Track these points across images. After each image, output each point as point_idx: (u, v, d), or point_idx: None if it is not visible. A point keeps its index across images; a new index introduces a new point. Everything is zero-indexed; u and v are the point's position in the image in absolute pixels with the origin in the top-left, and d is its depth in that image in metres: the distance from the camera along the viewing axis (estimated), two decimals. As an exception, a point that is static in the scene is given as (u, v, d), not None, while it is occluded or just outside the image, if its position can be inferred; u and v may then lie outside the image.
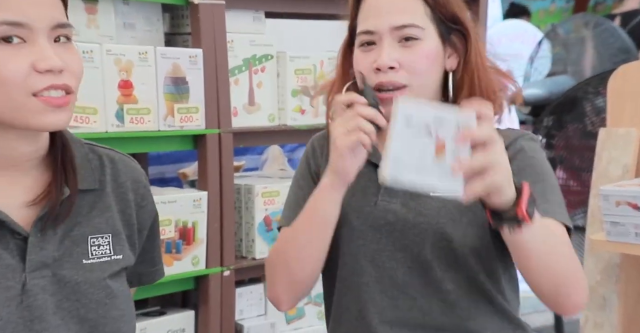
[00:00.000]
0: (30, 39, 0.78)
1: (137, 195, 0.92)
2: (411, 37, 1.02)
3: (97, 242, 0.86)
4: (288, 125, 1.95)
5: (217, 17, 1.81)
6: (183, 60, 1.75)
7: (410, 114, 0.84)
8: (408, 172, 0.84)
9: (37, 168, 0.85)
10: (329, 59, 2.01)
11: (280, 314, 1.98)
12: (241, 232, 1.93)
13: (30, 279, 0.81)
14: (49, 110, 0.78)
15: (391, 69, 1.01)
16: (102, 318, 0.84)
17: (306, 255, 1.02)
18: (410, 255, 1.02)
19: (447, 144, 0.83)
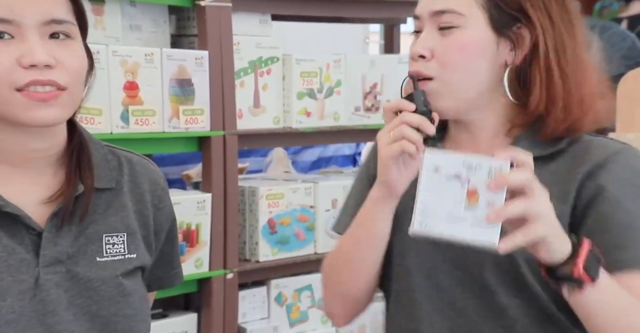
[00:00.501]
0: (18, 35, 0.78)
1: (155, 196, 0.92)
2: (448, 25, 0.90)
3: (111, 241, 0.87)
4: (293, 128, 1.95)
5: (223, 19, 1.81)
6: (189, 62, 1.75)
7: (438, 161, 0.80)
8: (439, 223, 0.80)
9: (54, 166, 0.86)
10: (334, 62, 2.01)
11: (283, 318, 1.98)
12: (245, 235, 1.93)
13: (43, 274, 0.82)
14: (33, 104, 0.78)
15: (422, 58, 0.91)
16: (114, 315, 0.85)
17: (357, 271, 0.94)
18: (470, 276, 0.91)
19: (480, 191, 0.78)
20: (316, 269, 2.06)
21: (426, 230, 0.80)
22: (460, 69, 0.91)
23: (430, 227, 0.80)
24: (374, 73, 2.08)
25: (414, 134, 0.86)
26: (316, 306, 2.04)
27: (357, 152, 3.14)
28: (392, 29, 2.49)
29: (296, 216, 1.96)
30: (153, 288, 0.96)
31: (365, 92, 2.08)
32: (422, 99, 0.89)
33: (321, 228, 1.99)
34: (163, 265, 0.95)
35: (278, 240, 1.93)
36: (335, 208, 2.00)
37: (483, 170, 0.79)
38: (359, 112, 2.07)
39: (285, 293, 1.99)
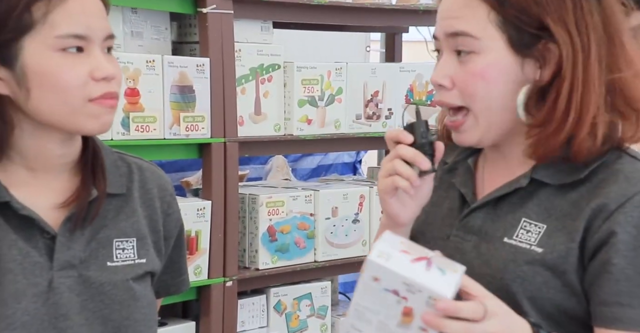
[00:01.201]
0: (87, 49, 0.82)
1: (164, 202, 0.94)
2: (464, 50, 0.83)
3: (121, 246, 0.88)
4: (294, 135, 1.94)
5: (225, 26, 1.81)
6: (190, 69, 1.74)
7: (378, 273, 0.74)
8: (370, 329, 0.75)
9: (69, 172, 0.88)
10: (336, 70, 2.00)
11: (282, 326, 1.97)
12: (244, 242, 1.92)
13: (57, 278, 0.84)
14: (103, 112, 0.83)
15: (442, 87, 0.84)
16: (125, 319, 0.86)
17: None
18: None
19: (415, 315, 0.74)
20: (316, 277, 2.06)
21: (356, 329, 0.76)
22: (486, 97, 0.83)
23: (360, 328, 0.76)
24: (375, 81, 2.08)
25: (407, 170, 0.82)
26: (315, 315, 2.02)
27: (357, 159, 3.13)
28: (393, 37, 2.49)
29: (296, 224, 1.95)
30: (161, 294, 0.97)
31: (366, 100, 2.08)
32: (421, 130, 0.83)
33: (321, 236, 1.98)
34: (171, 272, 0.96)
35: (278, 248, 1.92)
36: (335, 217, 2.00)
37: (422, 296, 0.73)
38: (360, 120, 2.07)
39: (285, 302, 1.98)
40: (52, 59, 0.80)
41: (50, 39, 0.80)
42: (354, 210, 2.02)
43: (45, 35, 0.80)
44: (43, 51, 0.80)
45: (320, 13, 2.05)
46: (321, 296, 2.02)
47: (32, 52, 0.80)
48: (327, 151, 2.75)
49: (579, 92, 0.82)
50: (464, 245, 0.88)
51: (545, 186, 0.85)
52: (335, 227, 2.00)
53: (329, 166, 3.02)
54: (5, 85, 0.82)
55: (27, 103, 0.82)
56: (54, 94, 0.81)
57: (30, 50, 0.80)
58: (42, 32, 0.80)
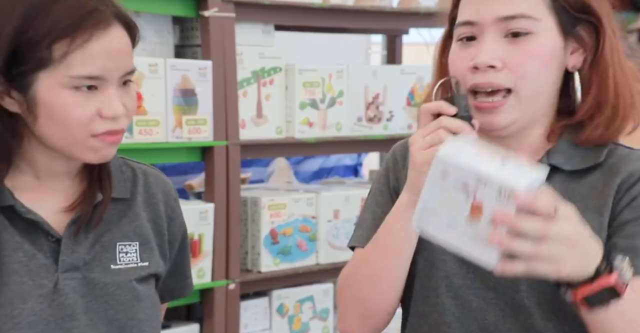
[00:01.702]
0: (102, 87, 0.83)
1: (168, 207, 0.95)
2: (521, 31, 0.83)
3: (124, 249, 0.90)
4: (295, 138, 1.95)
5: (227, 29, 1.81)
6: (192, 72, 1.75)
7: (448, 166, 0.73)
8: (438, 227, 0.75)
9: (75, 177, 0.90)
10: (337, 72, 2.01)
11: (285, 329, 1.97)
12: (247, 245, 1.92)
13: (62, 279, 0.86)
14: (104, 147, 0.85)
15: (491, 68, 0.83)
16: (129, 319, 0.87)
17: (380, 284, 0.88)
18: (503, 297, 0.86)
19: (485, 209, 0.72)
20: (318, 280, 2.06)
21: (424, 229, 0.76)
22: (537, 79, 0.84)
23: (428, 228, 0.76)
24: (376, 83, 2.09)
25: None
26: (318, 317, 2.03)
27: (359, 162, 3.14)
28: (394, 39, 2.50)
29: (298, 226, 1.95)
30: (166, 299, 0.97)
31: (367, 102, 2.08)
32: (464, 104, 0.82)
33: (323, 239, 1.99)
34: (175, 276, 0.97)
35: (280, 251, 1.93)
36: (337, 219, 2.00)
37: (493, 188, 0.71)
38: (361, 123, 2.07)
39: (287, 304, 1.98)
40: (62, 96, 0.81)
41: (64, 78, 0.81)
42: (355, 213, 2.03)
43: (60, 73, 0.81)
44: (55, 87, 0.81)
45: (321, 16, 2.05)
46: (323, 298, 2.03)
47: (44, 86, 0.81)
48: (328, 154, 2.76)
49: (619, 76, 0.85)
50: None
51: (558, 172, 0.86)
52: (337, 229, 2.00)
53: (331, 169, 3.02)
54: (17, 104, 0.84)
55: (33, 127, 0.84)
56: (59, 127, 0.82)
57: (43, 84, 0.81)
58: (58, 70, 0.81)
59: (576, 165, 0.86)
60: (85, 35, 0.80)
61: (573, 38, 0.86)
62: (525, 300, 0.84)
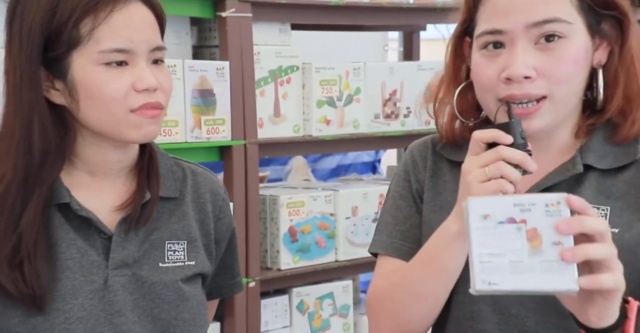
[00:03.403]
0: (132, 62, 0.86)
1: (216, 207, 0.97)
2: (555, 35, 0.81)
3: (173, 247, 0.92)
4: (313, 136, 1.95)
5: (244, 29, 1.82)
6: (210, 72, 1.76)
7: (486, 207, 0.71)
8: (503, 277, 0.70)
9: (126, 176, 0.92)
10: (354, 70, 2.01)
11: (305, 326, 1.98)
12: (266, 243, 1.94)
13: (112, 276, 0.88)
14: (144, 122, 0.86)
15: (526, 79, 0.81)
16: (173, 319, 0.89)
17: (424, 307, 0.86)
18: (543, 301, 0.83)
19: (542, 232, 0.70)
20: (337, 277, 2.07)
21: (491, 288, 0.71)
22: (571, 82, 0.83)
23: (495, 284, 0.71)
24: (393, 80, 2.08)
25: (514, 173, 0.76)
26: (338, 314, 2.03)
27: (377, 159, 3.14)
28: (411, 36, 2.49)
29: (316, 224, 1.96)
30: (214, 296, 0.99)
31: (384, 99, 2.08)
32: (520, 130, 0.79)
33: (342, 236, 1.99)
34: (223, 274, 0.99)
35: (299, 248, 1.94)
36: (355, 216, 2.01)
37: (538, 209, 0.70)
38: (379, 120, 2.07)
39: (307, 302, 1.99)
40: (96, 73, 0.84)
41: (94, 53, 0.84)
42: (374, 210, 2.03)
43: (90, 50, 0.84)
44: (88, 65, 0.84)
45: (337, 14, 2.05)
46: (343, 295, 2.03)
47: (79, 66, 0.85)
48: (346, 151, 2.76)
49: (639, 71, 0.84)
50: None
51: (592, 170, 0.85)
52: (355, 226, 2.00)
53: (349, 166, 3.02)
54: (61, 95, 0.87)
55: (78, 113, 0.86)
56: (99, 105, 0.85)
57: (77, 64, 0.85)
58: (88, 47, 0.84)
59: (611, 163, 0.84)
60: (107, 8, 0.83)
61: (598, 34, 0.85)
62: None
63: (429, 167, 0.93)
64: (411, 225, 0.92)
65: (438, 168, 0.93)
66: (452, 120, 0.92)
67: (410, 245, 0.91)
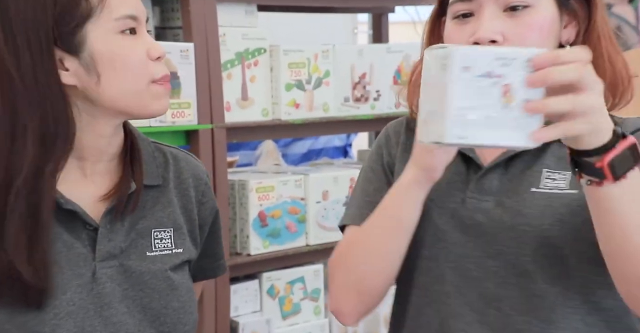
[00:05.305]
0: (139, 31, 0.85)
1: (198, 191, 0.95)
2: (520, 4, 0.84)
3: (159, 236, 0.90)
4: (282, 120, 1.93)
5: (208, 10, 1.78)
6: (174, 54, 1.72)
7: (468, 58, 0.69)
8: (473, 129, 0.69)
9: (112, 163, 0.90)
10: (322, 52, 1.99)
11: (276, 310, 1.97)
12: (235, 228, 1.92)
13: (99, 268, 0.86)
14: (164, 93, 0.86)
15: (492, 43, 0.83)
16: (163, 308, 0.88)
17: (378, 262, 0.87)
18: (504, 264, 0.85)
19: (518, 88, 0.68)
20: (308, 261, 2.06)
21: (459, 141, 0.70)
22: None
23: (464, 138, 0.70)
24: (362, 63, 2.07)
25: None
26: (309, 298, 2.03)
27: (348, 143, 3.13)
28: (380, 18, 2.47)
29: (287, 208, 1.95)
30: (199, 278, 0.98)
31: (354, 82, 2.06)
32: None
33: (312, 220, 1.98)
34: (207, 257, 0.98)
35: (269, 233, 1.92)
36: (326, 200, 2.00)
37: (518, 64, 0.68)
38: (348, 103, 2.06)
39: (278, 286, 1.98)
40: (116, 41, 0.83)
41: (110, 22, 0.83)
42: (344, 193, 2.02)
43: (105, 19, 0.83)
44: (106, 34, 0.83)
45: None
46: (314, 279, 2.03)
47: (96, 37, 0.83)
48: (315, 135, 2.75)
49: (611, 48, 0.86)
50: (484, 204, 0.87)
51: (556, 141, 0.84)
52: (326, 210, 2.00)
53: (320, 150, 3.01)
54: (73, 75, 0.84)
55: (97, 90, 0.84)
56: (123, 76, 0.83)
57: (94, 35, 0.83)
58: (102, 17, 0.83)
59: None
60: None
61: (567, 11, 0.87)
62: (529, 266, 0.83)
63: (402, 142, 0.95)
64: (381, 197, 0.91)
65: (410, 144, 0.94)
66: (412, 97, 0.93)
67: None
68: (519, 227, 0.84)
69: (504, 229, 0.85)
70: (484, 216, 0.87)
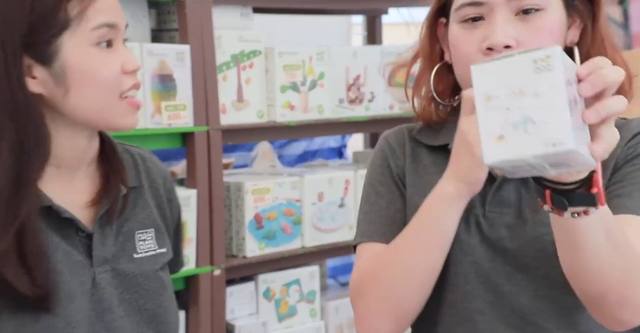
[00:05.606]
0: (115, 43, 0.84)
1: (166, 190, 0.96)
2: (532, 8, 0.82)
3: (142, 237, 0.91)
4: (277, 122, 1.93)
5: (204, 12, 1.78)
6: (170, 56, 1.72)
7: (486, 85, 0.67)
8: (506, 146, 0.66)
9: (89, 169, 0.89)
10: (317, 54, 1.99)
11: (272, 313, 1.97)
12: (231, 230, 1.92)
13: (97, 274, 0.87)
14: (131, 111, 0.85)
15: (506, 48, 0.81)
16: (158, 308, 0.89)
17: (418, 281, 0.83)
18: (535, 277, 0.83)
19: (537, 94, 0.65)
20: (304, 263, 2.06)
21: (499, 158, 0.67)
22: None
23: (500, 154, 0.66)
24: (356, 65, 2.07)
25: None
26: (305, 300, 2.03)
27: (343, 144, 3.13)
28: (374, 20, 2.48)
29: (282, 210, 1.95)
30: None
31: (348, 83, 2.07)
32: None
33: (308, 222, 1.98)
34: (172, 253, 0.99)
35: (265, 235, 1.93)
36: (321, 202, 2.00)
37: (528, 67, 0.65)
38: (343, 104, 2.06)
39: (274, 288, 1.98)
40: (90, 54, 0.82)
41: (87, 32, 0.82)
42: (339, 195, 2.03)
43: (82, 30, 0.82)
44: (81, 47, 0.82)
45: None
46: (310, 281, 2.03)
47: (71, 48, 0.82)
48: (310, 136, 2.75)
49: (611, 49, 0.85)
50: (505, 218, 0.85)
51: None
52: (321, 212, 2.00)
53: (315, 151, 3.01)
54: (40, 83, 0.82)
55: (64, 101, 0.82)
56: (92, 90, 0.82)
57: (69, 46, 0.82)
58: (79, 28, 0.82)
59: None
60: None
61: (572, 11, 0.86)
62: (559, 277, 0.80)
63: (408, 153, 0.93)
64: (395, 210, 0.90)
65: (417, 154, 0.93)
66: (427, 102, 0.92)
67: (397, 231, 0.88)
68: (543, 237, 0.82)
69: (527, 241, 0.83)
70: (506, 230, 0.85)
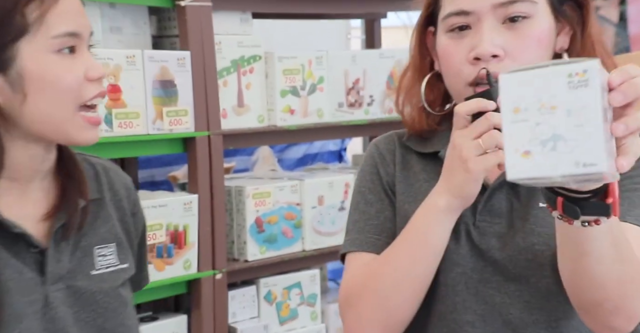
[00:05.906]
0: (78, 49, 0.81)
1: (130, 202, 0.93)
2: (519, 16, 0.81)
3: (102, 252, 0.87)
4: (278, 126, 1.95)
5: (204, 18, 1.80)
6: (171, 62, 1.74)
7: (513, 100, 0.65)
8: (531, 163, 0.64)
9: (45, 181, 0.85)
10: (316, 58, 2.01)
11: (273, 316, 1.98)
12: (232, 234, 1.93)
13: (51, 292, 0.82)
14: (90, 127, 0.81)
15: (494, 58, 0.80)
16: (118, 326, 0.85)
17: (409, 292, 0.82)
18: (527, 287, 0.82)
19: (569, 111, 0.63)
20: (305, 266, 2.07)
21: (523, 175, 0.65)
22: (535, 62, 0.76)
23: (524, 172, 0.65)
24: (355, 69, 2.08)
25: None
26: (305, 303, 2.04)
27: (343, 147, 3.15)
28: (372, 23, 2.49)
29: (283, 214, 1.96)
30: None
31: (348, 87, 2.08)
32: None
33: (308, 226, 2.00)
34: (136, 268, 0.95)
35: (266, 239, 1.94)
36: (321, 205, 2.01)
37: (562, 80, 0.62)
38: (343, 108, 2.07)
39: (275, 292, 1.99)
40: (50, 62, 0.78)
41: (47, 40, 0.78)
42: (340, 198, 2.04)
43: (41, 36, 0.78)
44: (40, 54, 0.78)
45: (299, 2, 2.04)
46: (310, 284, 2.04)
47: (29, 55, 0.78)
48: (310, 140, 2.76)
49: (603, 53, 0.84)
50: (495, 227, 0.84)
51: None
52: (322, 215, 2.01)
53: (315, 155, 3.03)
54: None
55: (21, 109, 0.79)
56: (51, 99, 0.78)
57: (27, 53, 0.78)
58: (39, 34, 0.78)
59: None
60: None
61: (560, 17, 0.85)
62: (552, 287, 0.80)
63: (398, 160, 0.91)
64: (385, 219, 0.89)
65: (407, 161, 0.92)
66: (418, 111, 0.91)
67: (386, 240, 0.87)
68: (534, 247, 0.81)
69: (518, 251, 0.81)
70: (497, 240, 0.83)
